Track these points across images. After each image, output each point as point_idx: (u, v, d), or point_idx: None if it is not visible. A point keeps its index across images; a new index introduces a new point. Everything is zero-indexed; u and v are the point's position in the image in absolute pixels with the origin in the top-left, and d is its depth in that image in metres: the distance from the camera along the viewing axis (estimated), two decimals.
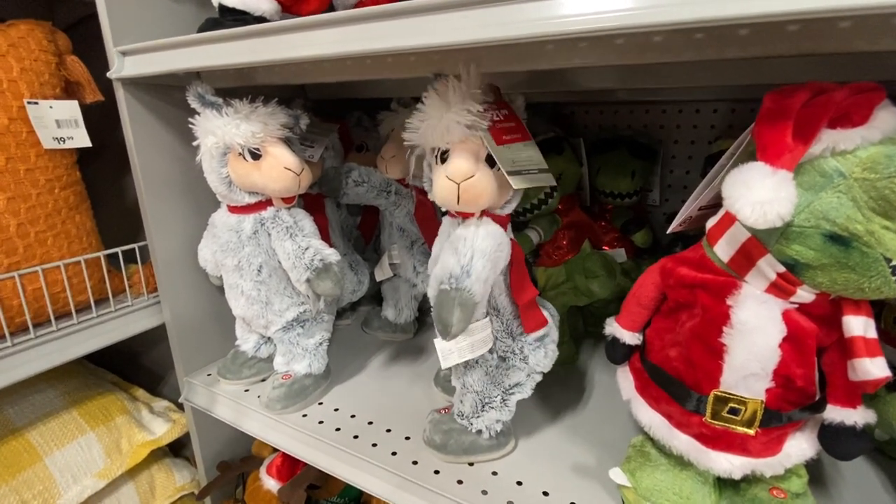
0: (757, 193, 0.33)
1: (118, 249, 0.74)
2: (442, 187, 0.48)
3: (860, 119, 0.32)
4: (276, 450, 0.85)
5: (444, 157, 0.49)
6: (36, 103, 0.64)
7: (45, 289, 0.66)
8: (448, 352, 0.52)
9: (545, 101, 0.99)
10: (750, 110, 0.89)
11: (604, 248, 0.88)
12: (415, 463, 0.59)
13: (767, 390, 0.40)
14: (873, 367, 0.36)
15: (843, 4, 0.29)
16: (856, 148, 0.32)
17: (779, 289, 0.38)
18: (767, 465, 0.43)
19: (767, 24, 0.38)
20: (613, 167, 0.87)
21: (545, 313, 0.55)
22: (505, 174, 0.46)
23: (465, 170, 0.46)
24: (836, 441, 0.41)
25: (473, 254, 0.47)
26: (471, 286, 0.46)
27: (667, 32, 0.40)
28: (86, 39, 0.75)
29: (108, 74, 0.64)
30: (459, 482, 0.56)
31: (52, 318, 0.67)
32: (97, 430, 0.83)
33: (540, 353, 0.55)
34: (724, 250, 0.41)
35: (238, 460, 0.87)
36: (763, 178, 0.33)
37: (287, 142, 0.63)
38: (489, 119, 0.47)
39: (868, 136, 0.32)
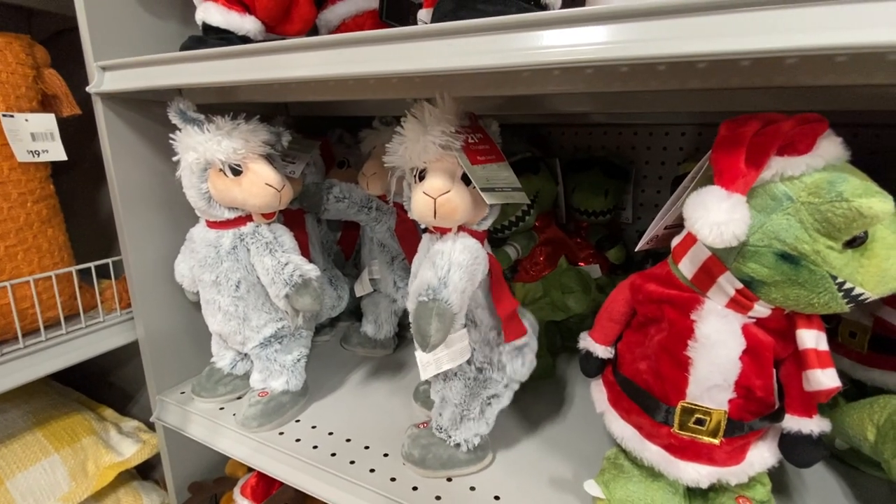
0: (714, 215, 0.35)
1: (91, 264, 0.72)
2: (419, 202, 0.50)
3: (805, 148, 0.35)
4: (250, 470, 0.83)
5: (421, 175, 0.51)
6: (11, 116, 0.63)
7: (13, 305, 0.64)
8: (427, 363, 0.53)
9: (523, 122, 1.03)
10: (716, 134, 0.94)
11: (579, 264, 0.91)
12: (393, 480, 0.59)
13: (730, 401, 0.42)
14: (825, 378, 0.38)
15: (782, 46, 0.32)
16: (802, 174, 0.35)
17: (738, 304, 0.40)
18: (732, 474, 0.45)
19: (722, 59, 0.41)
20: (588, 186, 0.90)
21: (525, 323, 0.56)
22: (478, 190, 0.48)
23: (440, 186, 0.49)
24: (794, 449, 0.43)
25: (450, 266, 0.48)
26: (448, 296, 0.47)
27: (632, 64, 0.43)
28: (63, 52, 0.75)
29: (87, 89, 0.64)
30: (437, 498, 0.56)
31: (19, 334, 0.65)
32: (62, 452, 0.80)
33: (518, 362, 0.56)
34: (687, 267, 0.43)
35: (211, 481, 0.85)
36: (719, 201, 0.35)
37: (268, 158, 0.63)
38: (464, 140, 0.50)
39: (812, 164, 0.35)
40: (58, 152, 0.68)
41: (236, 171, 0.60)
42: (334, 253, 0.98)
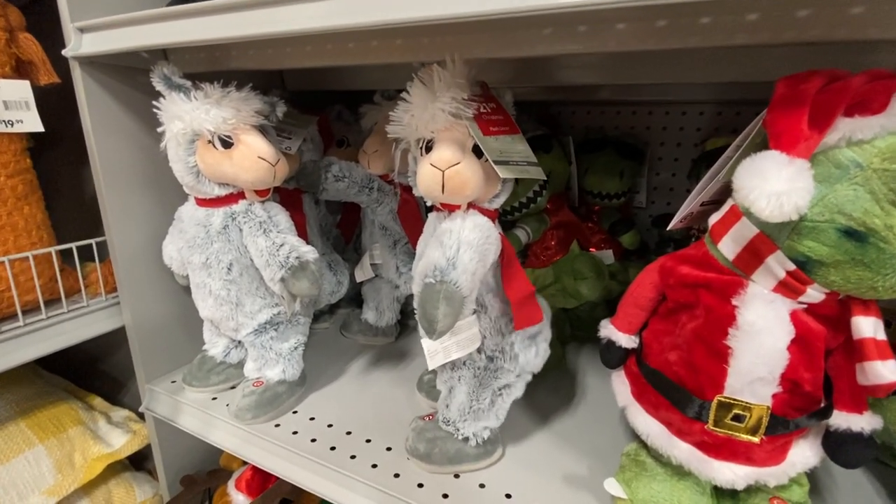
0: (772, 184, 0.30)
1: (72, 245, 0.68)
2: (426, 175, 0.45)
3: (878, 107, 0.31)
4: (245, 462, 0.80)
5: (428, 147, 0.47)
6: None
7: None
8: (434, 351, 0.49)
9: (532, 99, 0.97)
10: (736, 113, 0.89)
11: (591, 249, 0.87)
12: (396, 476, 0.55)
13: (774, 395, 0.38)
14: (885, 371, 0.34)
15: None
16: (874, 137, 0.31)
17: (788, 288, 0.36)
18: (771, 475, 0.41)
19: (777, 10, 0.36)
20: (602, 167, 0.85)
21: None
22: (491, 163, 0.44)
23: (449, 157, 0.44)
24: (841, 448, 0.39)
25: (460, 245, 0.44)
26: (457, 278, 0.43)
27: (672, 17, 0.38)
28: (46, 19, 0.70)
29: (63, 52, 0.58)
30: (445, 496, 0.52)
31: None
32: (47, 443, 0.76)
33: (531, 352, 0.52)
34: (729, 247, 0.38)
35: (204, 474, 0.81)
36: (779, 168, 0.30)
37: (262, 130, 0.58)
38: (475, 109, 0.45)
39: (887, 125, 0.30)
40: (33, 123, 0.62)
41: (226, 144, 0.55)
42: (333, 236, 0.93)
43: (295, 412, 0.66)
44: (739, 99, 0.88)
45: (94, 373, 1.05)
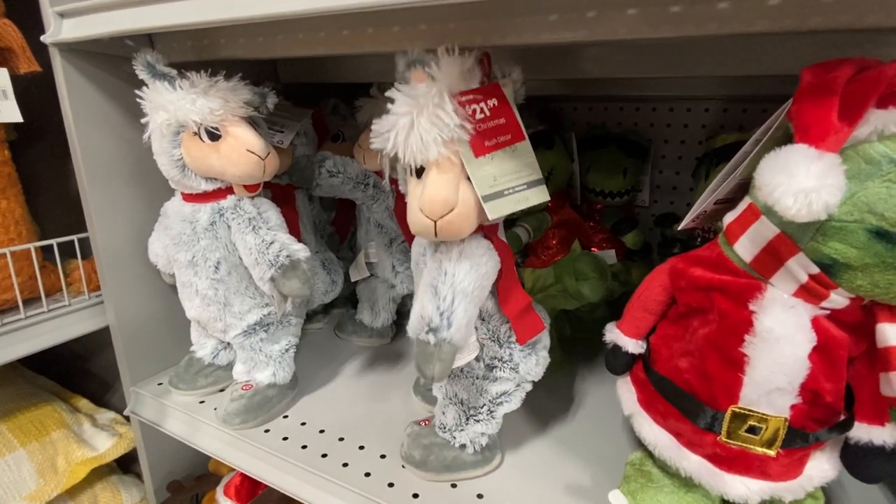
0: (800, 181, 0.28)
1: (53, 241, 0.65)
2: (416, 221, 0.41)
3: None
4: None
5: (419, 170, 0.42)
6: None
7: None
8: None
9: (533, 94, 0.95)
10: (742, 110, 0.87)
11: (593, 249, 0.84)
12: (391, 485, 0.52)
13: (792, 407, 0.36)
14: None
15: None
16: None
17: (809, 292, 0.34)
18: (787, 490, 0.39)
19: None
20: (605, 165, 0.83)
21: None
22: (480, 199, 0.40)
23: (441, 204, 0.39)
24: (861, 462, 0.37)
25: (454, 296, 0.41)
26: (451, 336, 0.40)
27: (687, 1, 0.36)
28: (28, 4, 0.67)
29: (42, 38, 0.56)
30: None
31: None
32: (28, 447, 0.73)
33: (531, 361, 0.50)
34: (746, 249, 0.36)
35: (192, 479, 0.79)
36: (808, 163, 0.28)
37: (252, 122, 0.56)
38: (471, 116, 0.40)
39: None
40: (11, 113, 0.59)
41: (214, 136, 0.53)
42: (328, 234, 0.90)
43: (285, 417, 0.64)
44: (746, 95, 0.86)
45: (82, 372, 1.02)
